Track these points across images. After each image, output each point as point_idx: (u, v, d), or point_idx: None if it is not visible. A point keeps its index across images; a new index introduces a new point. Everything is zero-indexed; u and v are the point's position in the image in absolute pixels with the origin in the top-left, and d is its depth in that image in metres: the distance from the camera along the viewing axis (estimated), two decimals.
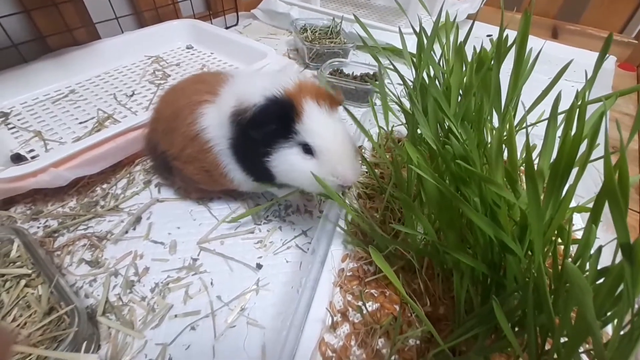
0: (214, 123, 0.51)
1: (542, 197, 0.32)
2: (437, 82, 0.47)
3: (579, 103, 0.34)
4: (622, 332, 0.26)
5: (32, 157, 0.69)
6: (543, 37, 1.28)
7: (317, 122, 0.45)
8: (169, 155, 0.55)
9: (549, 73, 0.48)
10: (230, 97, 0.49)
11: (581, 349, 0.39)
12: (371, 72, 0.97)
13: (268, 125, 0.46)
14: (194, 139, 0.52)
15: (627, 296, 0.23)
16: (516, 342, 0.27)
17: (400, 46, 0.59)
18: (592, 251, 0.29)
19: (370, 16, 1.38)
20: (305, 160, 0.46)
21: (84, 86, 0.90)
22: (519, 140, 0.55)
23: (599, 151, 0.32)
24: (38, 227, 0.60)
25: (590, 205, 0.28)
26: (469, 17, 1.32)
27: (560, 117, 0.32)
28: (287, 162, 0.47)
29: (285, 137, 0.46)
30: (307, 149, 0.46)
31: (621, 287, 0.24)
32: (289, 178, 0.49)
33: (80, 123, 0.79)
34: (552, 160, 0.31)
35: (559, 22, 1.29)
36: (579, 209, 0.33)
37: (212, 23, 1.22)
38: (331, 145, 0.45)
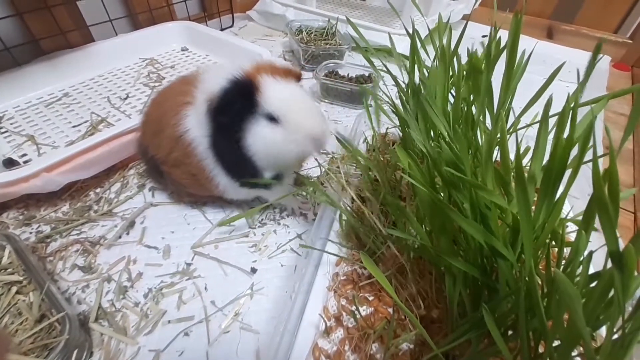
0: (195, 123, 0.51)
1: (534, 200, 0.32)
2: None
3: (572, 106, 0.34)
4: (614, 337, 0.26)
5: (25, 162, 0.68)
6: (538, 37, 1.28)
7: (273, 89, 0.47)
8: (158, 159, 0.55)
9: (544, 73, 0.48)
10: (202, 94, 0.50)
11: (576, 352, 0.39)
12: (367, 74, 0.96)
13: (233, 106, 0.47)
14: (178, 140, 0.51)
15: (617, 303, 0.23)
16: (506, 349, 0.27)
17: (397, 48, 0.59)
18: (586, 255, 0.29)
19: (365, 17, 1.38)
20: (273, 129, 0.47)
21: (77, 89, 0.90)
22: (513, 143, 0.55)
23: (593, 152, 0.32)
24: (30, 233, 0.59)
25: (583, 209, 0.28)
26: (464, 17, 1.32)
27: (555, 119, 0.32)
28: (258, 137, 0.48)
29: (250, 113, 0.47)
30: (272, 118, 0.47)
31: (612, 292, 0.24)
32: (267, 155, 0.49)
33: (74, 127, 0.78)
34: (544, 163, 0.31)
35: (554, 22, 1.29)
36: (573, 221, 0.33)
37: (207, 25, 1.21)
38: (291, 105, 0.47)
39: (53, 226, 0.60)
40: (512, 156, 0.35)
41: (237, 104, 0.47)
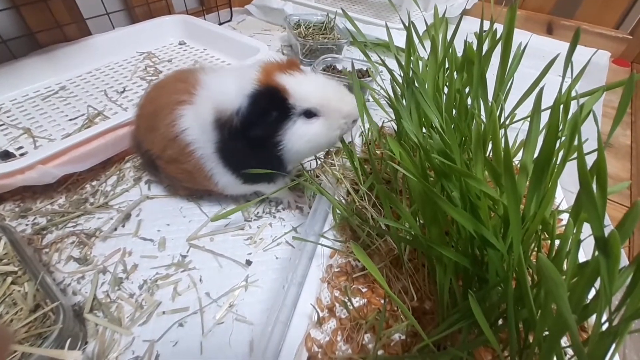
0: (194, 125, 0.50)
1: (525, 192, 0.32)
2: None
3: (565, 99, 0.34)
4: (603, 328, 0.26)
5: (21, 155, 0.68)
6: (538, 32, 1.27)
7: (300, 86, 0.47)
8: (152, 153, 0.55)
9: (542, 68, 0.48)
10: (207, 102, 0.49)
11: (568, 343, 0.39)
12: (364, 68, 0.96)
13: (268, 117, 0.46)
14: (174, 140, 0.51)
15: (604, 290, 0.23)
16: (493, 338, 0.27)
17: (395, 42, 0.58)
18: (576, 244, 0.29)
19: (365, 12, 1.37)
20: (312, 124, 0.48)
21: (74, 83, 0.90)
22: (511, 135, 0.55)
23: (590, 145, 0.32)
24: (26, 225, 0.60)
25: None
26: (464, 12, 1.31)
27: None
28: (299, 136, 0.48)
29: (285, 117, 0.47)
30: (309, 114, 0.48)
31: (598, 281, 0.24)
32: (307, 149, 0.50)
33: (70, 120, 0.78)
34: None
35: (554, 18, 1.28)
36: (565, 212, 0.33)
37: (205, 19, 1.21)
38: (325, 94, 0.48)
39: (49, 218, 0.60)
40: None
41: (272, 114, 0.46)
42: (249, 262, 0.56)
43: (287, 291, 0.43)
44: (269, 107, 0.46)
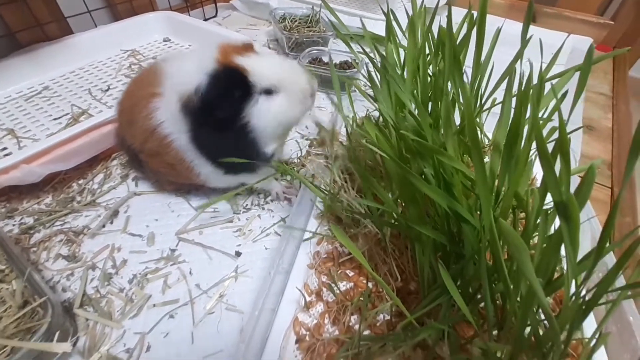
0: (169, 117, 0.50)
1: (498, 170, 0.33)
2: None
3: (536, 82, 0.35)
4: (572, 299, 0.27)
5: (5, 155, 0.67)
6: (522, 20, 1.28)
7: (259, 65, 0.48)
8: (134, 148, 0.55)
9: (526, 55, 0.49)
10: (171, 90, 0.49)
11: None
12: (350, 60, 0.96)
13: (231, 96, 0.46)
14: (153, 133, 0.51)
15: (568, 258, 0.24)
16: (467, 310, 0.28)
17: (381, 33, 0.59)
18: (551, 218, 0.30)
19: (351, 4, 1.37)
20: (274, 100, 0.49)
21: (58, 82, 0.88)
22: (492, 120, 0.56)
23: (571, 126, 0.33)
24: (13, 225, 0.59)
25: None
26: (448, 3, 1.32)
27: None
28: (264, 112, 0.48)
29: (248, 96, 0.48)
30: (268, 91, 0.48)
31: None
32: (275, 125, 0.50)
33: (55, 119, 0.77)
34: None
35: (538, 6, 1.29)
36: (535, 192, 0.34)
37: (189, 15, 1.20)
38: (281, 71, 0.49)
39: (36, 218, 0.60)
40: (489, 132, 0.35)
41: (235, 93, 0.46)
42: (238, 254, 0.56)
43: (274, 277, 0.44)
44: (232, 85, 0.46)
